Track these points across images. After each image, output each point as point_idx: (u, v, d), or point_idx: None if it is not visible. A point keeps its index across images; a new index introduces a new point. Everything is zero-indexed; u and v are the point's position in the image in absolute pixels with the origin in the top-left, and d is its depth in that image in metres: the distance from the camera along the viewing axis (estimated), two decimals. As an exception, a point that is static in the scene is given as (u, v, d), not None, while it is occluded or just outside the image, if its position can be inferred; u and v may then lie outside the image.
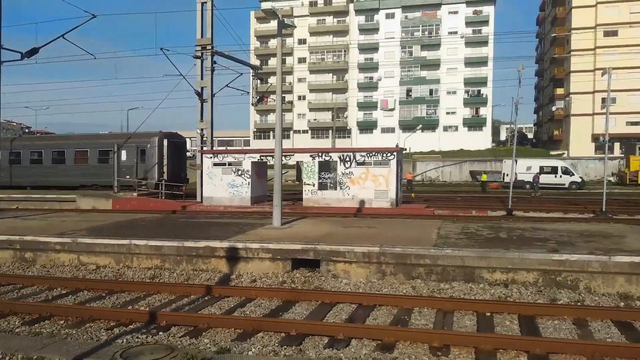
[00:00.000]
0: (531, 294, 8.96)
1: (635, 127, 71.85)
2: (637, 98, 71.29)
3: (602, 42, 72.25)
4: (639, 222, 18.00)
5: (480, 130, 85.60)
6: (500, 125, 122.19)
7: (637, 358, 6.00)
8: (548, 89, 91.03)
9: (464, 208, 23.80)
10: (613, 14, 72.56)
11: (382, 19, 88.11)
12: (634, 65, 67.60)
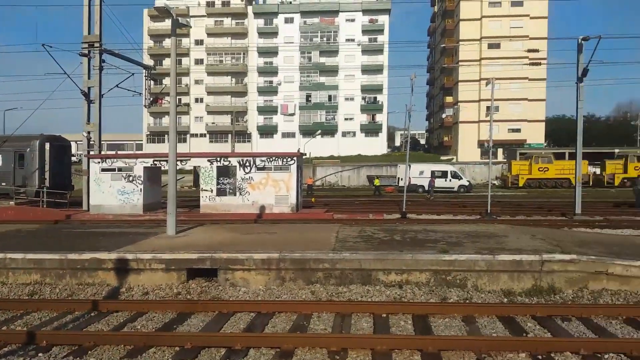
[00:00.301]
0: (424, 294, 9.38)
1: (516, 133, 78.30)
2: (517, 107, 77.77)
3: (487, 54, 78.04)
4: (519, 223, 19.57)
5: (376, 136, 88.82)
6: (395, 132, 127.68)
7: (519, 350, 6.47)
8: (439, 97, 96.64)
9: (361, 212, 24.51)
10: (496, 28, 78.66)
11: (282, 23, 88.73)
12: (515, 76, 73.61)
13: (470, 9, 79.98)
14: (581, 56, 22.36)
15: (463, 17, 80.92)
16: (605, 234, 16.19)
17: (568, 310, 8.19)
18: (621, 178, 45.37)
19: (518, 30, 77.47)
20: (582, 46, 22.20)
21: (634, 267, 9.44)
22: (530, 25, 77.63)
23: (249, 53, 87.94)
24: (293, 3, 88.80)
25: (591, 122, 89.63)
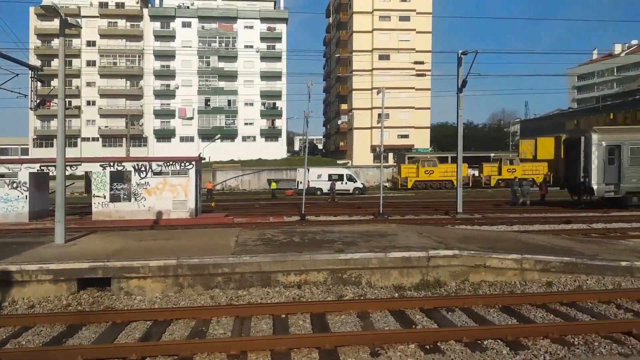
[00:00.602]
0: (322, 293, 9.50)
1: (404, 139, 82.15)
2: (405, 114, 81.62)
3: (378, 65, 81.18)
4: (409, 222, 20.52)
5: (276, 141, 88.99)
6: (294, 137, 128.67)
7: (409, 341, 6.74)
8: (334, 104, 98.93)
9: (262, 215, 24.41)
10: (386, 40, 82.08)
11: (179, 27, 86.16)
12: (403, 86, 77.23)
13: (363, 22, 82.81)
14: (461, 69, 23.91)
15: (356, 29, 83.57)
16: (483, 230, 17.41)
17: (452, 301, 8.67)
18: (496, 179, 49.10)
19: (406, 43, 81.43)
20: (461, 60, 23.75)
21: (507, 259, 10.23)
22: (416, 39, 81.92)
23: (145, 56, 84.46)
24: (191, 8, 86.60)
25: (470, 129, 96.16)
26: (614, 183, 24.76)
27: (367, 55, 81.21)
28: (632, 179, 24.58)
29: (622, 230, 17.86)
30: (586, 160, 25.04)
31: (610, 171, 24.73)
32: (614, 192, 24.91)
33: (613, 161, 24.74)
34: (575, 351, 6.39)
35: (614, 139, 25.03)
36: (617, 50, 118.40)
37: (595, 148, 24.76)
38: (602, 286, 9.72)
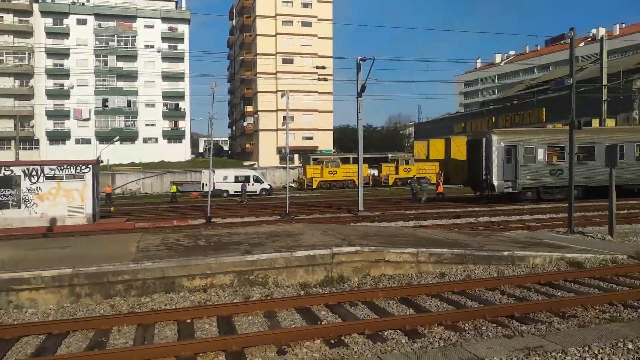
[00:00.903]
0: (228, 295, 9.33)
1: (309, 141, 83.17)
2: (310, 117, 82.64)
3: (282, 68, 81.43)
4: (314, 221, 20.78)
5: (179, 143, 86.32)
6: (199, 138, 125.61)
7: (315, 337, 6.80)
8: (239, 106, 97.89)
9: (165, 219, 23.52)
10: (289, 45, 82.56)
11: (73, 24, 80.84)
12: (307, 90, 78.07)
13: (266, 26, 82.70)
14: (360, 74, 24.62)
15: (260, 33, 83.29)
16: (382, 226, 18.05)
17: (355, 296, 8.88)
18: (394, 178, 51.16)
19: (308, 48, 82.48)
20: (360, 66, 24.46)
21: (405, 253, 10.67)
22: (318, 44, 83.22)
23: (36, 54, 78.28)
24: (86, 4, 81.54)
25: (370, 132, 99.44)
26: (512, 180, 26.71)
27: (271, 59, 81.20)
28: (526, 175, 26.66)
29: (505, 223, 19.31)
30: (487, 160, 26.69)
31: (508, 169, 26.65)
32: (511, 188, 26.88)
33: (510, 160, 26.66)
34: (466, 336, 6.78)
35: (511, 140, 27.04)
36: (497, 60, 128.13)
37: (495, 148, 26.61)
38: (488, 275, 10.44)
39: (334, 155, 63.00)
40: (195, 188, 47.14)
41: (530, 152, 26.84)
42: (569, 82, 15.49)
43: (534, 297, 8.77)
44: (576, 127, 15.59)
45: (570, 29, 15.14)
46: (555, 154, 27.02)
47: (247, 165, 75.83)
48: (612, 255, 11.66)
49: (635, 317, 7.35)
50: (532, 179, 26.75)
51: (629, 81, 39.61)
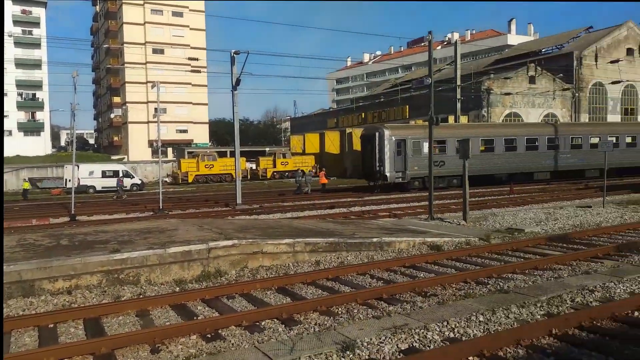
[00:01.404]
0: (96, 296, 8.74)
1: (184, 134, 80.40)
2: (183, 110, 79.88)
3: (152, 58, 77.57)
4: (190, 216, 20.17)
5: (38, 136, 78.69)
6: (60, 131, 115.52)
7: (190, 333, 6.62)
8: (106, 97, 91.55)
9: (23, 218, 21.28)
10: (159, 34, 78.87)
11: None
12: (180, 82, 75.34)
13: (133, 14, 78.15)
14: (234, 67, 24.30)
15: (126, 21, 78.48)
16: (261, 219, 18.07)
17: (232, 289, 8.80)
18: (272, 172, 51.43)
19: (180, 39, 79.51)
20: (234, 59, 24.14)
21: (282, 244, 10.80)
22: (190, 36, 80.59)
23: None
24: None
25: (247, 125, 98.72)
26: (402, 170, 28.76)
27: (140, 48, 76.93)
28: (414, 166, 28.82)
29: (374, 212, 20.35)
30: (380, 152, 28.43)
31: (398, 161, 28.65)
32: (401, 178, 28.92)
33: (400, 152, 28.63)
34: (339, 320, 7.06)
35: (401, 135, 28.92)
36: (366, 59, 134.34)
37: (387, 142, 28.40)
38: (359, 260, 10.95)
39: (210, 149, 61.64)
40: (57, 184, 43.25)
41: (417, 146, 29.00)
42: (428, 81, 16.71)
43: (400, 279, 9.38)
44: (434, 123, 16.88)
45: (429, 32, 16.29)
46: (437, 147, 28.80)
47: (115, 159, 71.28)
48: (466, 238, 12.85)
49: (486, 293, 8.17)
50: (419, 170, 28.69)
51: (479, 82, 43.76)
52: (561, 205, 19.96)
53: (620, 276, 8.62)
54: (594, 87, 48.62)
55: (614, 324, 6.51)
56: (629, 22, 50.49)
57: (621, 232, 13.50)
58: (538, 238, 12.71)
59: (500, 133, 32.33)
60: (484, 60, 66.30)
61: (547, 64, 48.24)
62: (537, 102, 44.99)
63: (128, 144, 79.24)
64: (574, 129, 36.01)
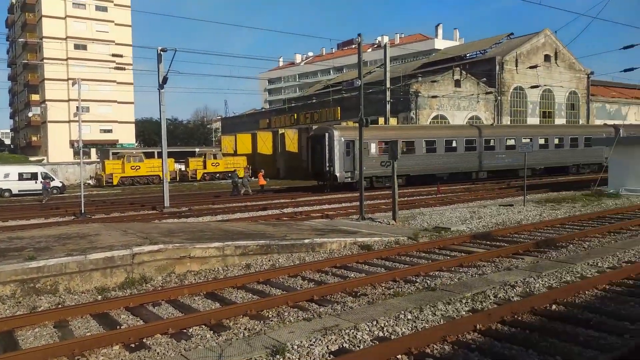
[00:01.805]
0: (9, 308, 8.15)
1: (108, 134, 77.01)
2: (108, 108, 76.54)
3: (73, 54, 73.72)
4: (114, 220, 19.32)
5: (-57, 135, 72.54)
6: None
7: (113, 343, 6.31)
8: (23, 94, 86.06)
9: None
10: (82, 29, 75.15)
11: None
12: (104, 79, 72.15)
13: (53, 6, 73.96)
14: (161, 65, 23.54)
15: (45, 14, 74.14)
16: (189, 222, 17.61)
17: (158, 295, 8.49)
18: (202, 173, 50.33)
19: (104, 35, 76.11)
20: (161, 56, 23.38)
21: (210, 248, 10.56)
22: (115, 31, 77.35)
23: None
24: None
25: (176, 125, 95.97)
26: (351, 170, 29.31)
27: (60, 43, 72.83)
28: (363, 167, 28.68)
29: (307, 213, 20.41)
30: (330, 153, 29.10)
31: (347, 161, 29.32)
32: (350, 178, 29.46)
33: (349, 153, 29.27)
34: (269, 323, 6.98)
35: (349, 136, 29.37)
36: (298, 60, 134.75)
37: (337, 143, 29.10)
38: (291, 262, 10.91)
39: (137, 150, 59.38)
40: (-34, 188, 40.05)
41: (365, 147, 28.94)
42: (358, 83, 16.97)
43: (331, 280, 9.43)
44: (364, 125, 17.17)
45: (358, 35, 16.55)
46: (384, 148, 29.81)
47: (34, 160, 67.08)
48: (395, 237, 13.15)
49: (414, 291, 8.38)
50: (367, 170, 28.57)
51: (407, 85, 45.04)
52: (485, 204, 20.90)
53: (539, 271, 9.11)
54: (515, 90, 51.38)
55: (534, 318, 6.86)
56: (546, 30, 53.73)
57: (540, 229, 14.31)
58: (463, 236, 13.22)
59: (442, 135, 33.77)
60: (413, 63, 68.38)
61: (472, 68, 50.47)
62: (463, 105, 46.93)
63: (47, 144, 74.83)
64: (508, 131, 38.35)
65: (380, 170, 29.42)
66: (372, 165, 29.43)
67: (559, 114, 55.20)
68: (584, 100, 57.33)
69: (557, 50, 54.28)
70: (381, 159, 29.38)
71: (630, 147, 23.90)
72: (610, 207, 18.42)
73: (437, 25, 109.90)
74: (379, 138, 30.77)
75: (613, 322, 6.58)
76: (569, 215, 16.65)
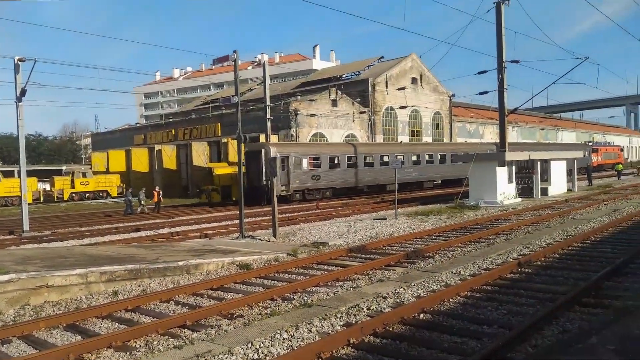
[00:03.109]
0: None
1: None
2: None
3: None
4: (-42, 248, 16.94)
5: None
6: None
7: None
8: None
9: None
10: None
11: None
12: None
13: None
14: (19, 76, 21.41)
15: None
16: (51, 247, 16.00)
17: (8, 332, 7.51)
18: (70, 193, 46.42)
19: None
20: (19, 66, 21.28)
21: (72, 275, 9.61)
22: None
23: None
24: None
25: (40, 141, 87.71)
26: (286, 184, 31.24)
27: None
28: (296, 181, 31.73)
29: (184, 233, 19.56)
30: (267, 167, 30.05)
31: (282, 175, 30.83)
32: (285, 191, 31.19)
33: (284, 168, 31.06)
34: (136, 354, 6.46)
35: (284, 152, 31.60)
36: (176, 75, 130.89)
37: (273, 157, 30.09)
38: (163, 287, 10.29)
39: (-8, 168, 53.22)
40: None
41: (298, 162, 32.03)
42: (235, 100, 16.77)
43: (207, 302, 9.03)
44: (243, 142, 16.97)
45: (234, 51, 16.41)
46: (314, 163, 32.61)
47: None
48: (275, 254, 13.05)
49: (291, 308, 8.29)
50: (300, 184, 31.86)
51: (287, 103, 45.63)
52: (361, 218, 21.64)
53: (409, 282, 9.52)
54: (387, 110, 54.38)
55: (404, 327, 7.10)
56: (413, 54, 57.71)
57: (410, 241, 15.08)
58: (340, 250, 13.48)
59: (361, 151, 36.82)
60: (292, 82, 69.66)
61: (347, 88, 52.57)
62: (339, 124, 48.61)
63: None
64: (415, 148, 43.08)
65: (311, 184, 32.37)
66: (305, 179, 32.22)
67: (426, 133, 59.38)
68: (447, 120, 62.34)
69: (422, 74, 58.52)
70: (312, 174, 32.58)
71: (485, 163, 26.32)
72: (471, 218, 20.01)
73: (314, 46, 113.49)
74: (309, 154, 33.24)
75: (474, 327, 7.03)
76: (435, 227, 17.77)
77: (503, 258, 11.61)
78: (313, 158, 33.13)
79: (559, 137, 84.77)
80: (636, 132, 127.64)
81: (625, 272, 9.77)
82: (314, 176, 32.41)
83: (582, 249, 12.66)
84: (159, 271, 10.70)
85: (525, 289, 8.85)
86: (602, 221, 17.28)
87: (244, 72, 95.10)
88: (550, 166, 29.83)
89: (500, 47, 26.05)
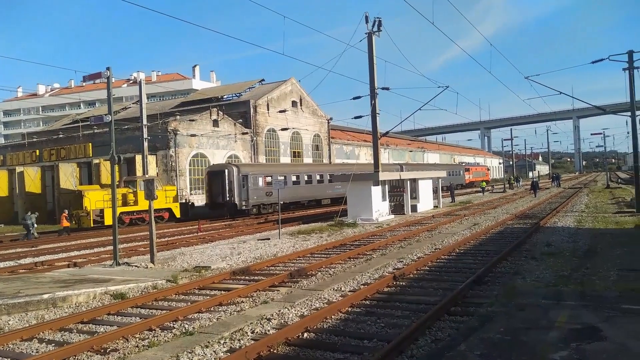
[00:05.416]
0: None
1: None
2: None
3: None
4: None
5: None
6: None
7: None
8: None
9: None
10: None
11: None
12: None
13: None
14: None
15: None
16: None
17: None
18: None
19: None
20: None
21: None
22: None
23: None
24: None
25: None
26: (246, 200, 34.98)
27: None
28: (254, 196, 35.43)
29: (50, 262, 17.77)
30: (230, 185, 34.42)
31: (243, 192, 34.80)
32: (245, 205, 34.94)
33: (244, 185, 34.86)
34: (-10, 405, 5.65)
35: (245, 171, 35.49)
36: (41, 91, 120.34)
37: (235, 177, 34.66)
38: (25, 323, 9.21)
39: None
40: None
41: (256, 180, 35.90)
42: (109, 119, 15.78)
43: (76, 338, 8.23)
44: (116, 162, 15.97)
45: (107, 68, 15.52)
46: (267, 181, 36.22)
47: None
48: (153, 281, 12.33)
49: (171, 338, 7.84)
50: (257, 199, 36.00)
51: (165, 122, 43.90)
52: (244, 240, 21.33)
53: (292, 301, 9.52)
54: (269, 132, 54.66)
55: (288, 348, 7.06)
56: (292, 78, 58.85)
57: (293, 260, 15.15)
58: (223, 273, 13.13)
59: (304, 170, 42.02)
60: (171, 101, 67.40)
61: (229, 109, 52.04)
62: (222, 144, 47.85)
63: None
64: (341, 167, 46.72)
65: (266, 200, 36.56)
66: (261, 195, 36.11)
67: (306, 154, 60.62)
68: (326, 142, 64.29)
69: (302, 97, 59.93)
70: (266, 190, 36.30)
71: (360, 182, 27.50)
72: (350, 235, 20.69)
73: (194, 66, 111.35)
74: (264, 173, 37.41)
75: (355, 342, 7.19)
76: (317, 245, 18.09)
77: (380, 272, 12.12)
78: (267, 177, 36.76)
79: (425, 158, 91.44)
80: (489, 153, 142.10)
81: (486, 281, 10.69)
82: (268, 193, 36.09)
83: (448, 260, 13.66)
84: (19, 306, 9.55)
85: (401, 301, 9.30)
86: (465, 234, 18.84)
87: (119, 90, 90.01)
88: (419, 185, 32.03)
89: (372, 75, 27.58)
